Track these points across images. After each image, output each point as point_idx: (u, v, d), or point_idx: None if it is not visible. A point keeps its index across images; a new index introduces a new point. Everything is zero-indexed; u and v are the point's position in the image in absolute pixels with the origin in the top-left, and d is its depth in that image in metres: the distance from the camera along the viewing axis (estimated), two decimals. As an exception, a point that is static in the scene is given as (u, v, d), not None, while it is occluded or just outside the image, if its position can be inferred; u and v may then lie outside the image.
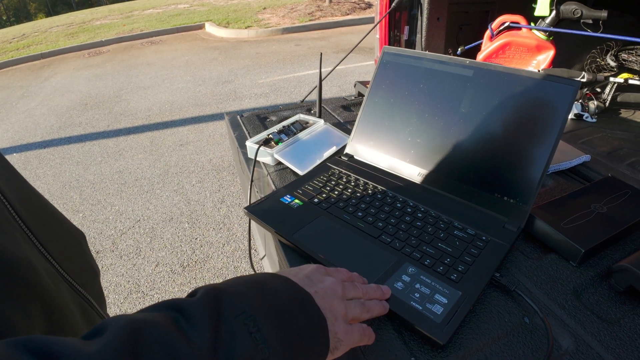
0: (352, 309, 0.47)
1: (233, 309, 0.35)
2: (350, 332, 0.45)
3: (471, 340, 0.52)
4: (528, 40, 1.27)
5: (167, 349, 0.29)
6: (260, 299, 0.38)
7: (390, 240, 0.65)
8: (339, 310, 0.45)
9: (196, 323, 0.33)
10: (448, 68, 0.80)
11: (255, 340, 0.34)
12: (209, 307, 0.34)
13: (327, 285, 0.47)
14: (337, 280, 0.49)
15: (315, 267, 0.50)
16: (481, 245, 0.64)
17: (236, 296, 0.37)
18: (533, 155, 0.69)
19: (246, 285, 0.40)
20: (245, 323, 0.34)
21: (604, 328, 0.54)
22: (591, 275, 0.62)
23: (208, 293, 0.36)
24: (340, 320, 0.44)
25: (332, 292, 0.46)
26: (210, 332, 0.32)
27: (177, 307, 0.34)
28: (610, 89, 1.29)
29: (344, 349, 0.44)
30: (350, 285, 0.50)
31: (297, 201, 0.77)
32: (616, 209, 0.71)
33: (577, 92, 0.67)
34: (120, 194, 3.06)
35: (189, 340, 0.31)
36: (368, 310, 0.50)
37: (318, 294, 0.44)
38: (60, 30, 10.63)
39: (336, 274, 0.51)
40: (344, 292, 0.48)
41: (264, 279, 0.42)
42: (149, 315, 0.32)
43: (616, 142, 1.10)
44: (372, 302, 0.51)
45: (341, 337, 0.43)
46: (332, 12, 9.01)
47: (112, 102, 5.10)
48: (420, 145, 0.82)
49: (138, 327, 0.29)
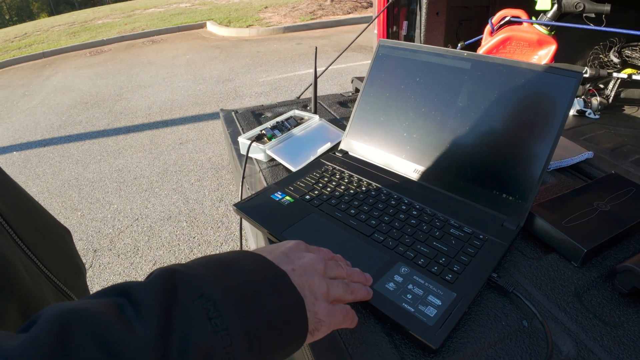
0: (334, 288, 0.43)
1: (190, 292, 0.31)
2: (332, 313, 0.41)
3: (466, 344, 0.49)
4: (529, 34, 1.24)
5: (103, 341, 0.25)
6: (223, 280, 0.34)
7: (383, 238, 0.63)
8: (319, 289, 0.41)
9: (144, 309, 0.28)
10: (445, 61, 0.77)
11: (214, 327, 0.30)
12: (162, 290, 0.30)
13: (306, 261, 0.43)
14: (319, 257, 0.45)
15: (294, 243, 0.46)
16: (478, 244, 0.61)
17: (195, 277, 0.32)
18: (533, 151, 0.66)
19: (209, 265, 0.35)
20: (204, 307, 0.30)
21: (606, 332, 0.51)
22: (593, 276, 0.60)
23: (162, 275, 0.31)
24: (321, 300, 0.41)
25: (312, 269, 0.42)
26: (160, 319, 0.28)
27: (125, 291, 0.30)
28: (613, 85, 1.26)
29: (325, 331, 0.41)
30: (333, 263, 0.46)
31: (288, 198, 0.74)
32: (620, 207, 0.68)
33: (579, 84, 0.64)
34: (119, 193, 3.05)
35: (131, 331, 0.27)
36: (352, 291, 0.46)
37: (296, 272, 0.40)
38: (62, 30, 10.64)
39: (318, 251, 0.47)
40: (325, 269, 0.44)
41: (232, 257, 0.38)
42: (89, 303, 0.28)
43: (620, 139, 1.07)
44: (357, 285, 0.48)
45: (322, 318, 0.40)
46: (333, 10, 8.99)
47: (112, 101, 5.09)
48: (416, 140, 0.79)
49: (70, 317, 0.26)
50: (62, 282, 0.53)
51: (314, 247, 0.48)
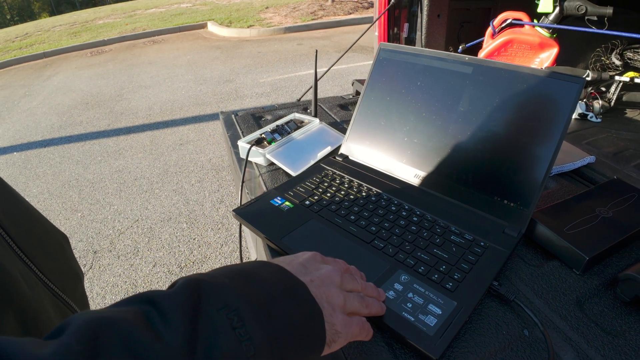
0: (351, 301, 0.43)
1: (214, 301, 0.32)
2: (349, 325, 0.41)
3: (466, 354, 0.48)
4: (531, 37, 1.23)
5: (133, 349, 0.26)
6: (246, 290, 0.34)
7: (383, 245, 0.62)
8: (337, 301, 0.41)
9: (171, 318, 0.29)
10: (446, 65, 0.77)
11: (239, 337, 0.30)
12: (187, 299, 0.31)
13: (324, 273, 0.43)
14: (336, 268, 0.45)
15: (311, 255, 0.46)
16: (479, 251, 0.60)
17: (219, 287, 0.33)
18: (535, 156, 0.65)
19: (231, 275, 0.36)
20: (228, 317, 0.31)
21: (608, 341, 0.50)
22: (595, 284, 0.59)
23: (187, 284, 0.32)
24: (338, 311, 0.41)
25: (330, 281, 0.43)
26: (187, 328, 0.29)
27: (151, 300, 0.31)
28: (615, 88, 1.25)
29: (342, 342, 0.41)
30: (349, 276, 0.47)
31: (287, 203, 0.73)
32: (622, 214, 0.67)
33: (581, 89, 0.63)
34: (119, 194, 3.04)
35: (160, 339, 0.27)
36: (367, 305, 0.46)
37: (314, 283, 0.41)
38: (63, 30, 10.64)
39: (334, 263, 0.48)
40: (342, 282, 0.44)
41: (253, 268, 0.38)
42: (117, 311, 0.28)
43: (622, 143, 1.06)
44: (372, 299, 0.48)
45: (339, 329, 0.40)
46: (334, 11, 8.98)
47: (113, 101, 5.09)
48: (417, 145, 0.79)
49: (100, 325, 0.26)
50: (61, 290, 0.52)
51: (329, 259, 0.48)
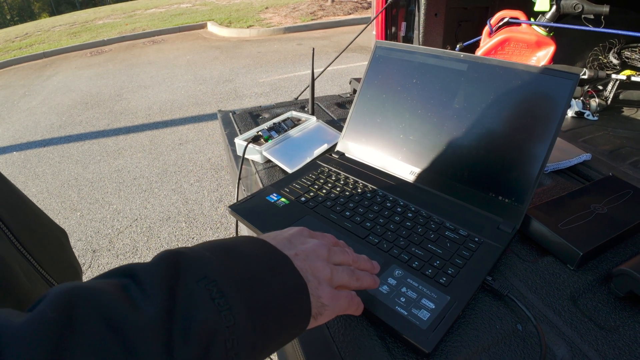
0: (339, 274, 0.43)
1: (193, 273, 0.31)
2: (336, 298, 0.41)
3: (459, 348, 0.49)
4: (528, 36, 1.23)
5: (108, 317, 0.26)
6: (226, 263, 0.34)
7: (377, 241, 0.62)
8: (323, 274, 0.41)
9: (148, 289, 0.29)
10: (442, 62, 0.77)
11: (218, 307, 0.30)
12: (166, 271, 0.31)
13: (309, 247, 0.43)
14: (323, 242, 0.45)
15: (298, 229, 0.46)
16: (473, 247, 0.61)
17: (198, 260, 0.33)
18: (529, 153, 0.66)
19: (212, 249, 0.36)
20: (207, 288, 0.31)
21: (602, 336, 0.50)
22: (589, 279, 0.59)
23: (166, 257, 0.32)
24: (325, 284, 0.40)
25: (315, 254, 0.42)
26: (164, 298, 0.29)
27: (130, 272, 0.31)
28: (612, 86, 1.25)
29: (329, 315, 0.41)
30: (338, 249, 0.46)
31: (283, 200, 0.74)
32: (617, 210, 0.67)
33: (575, 85, 0.64)
34: (118, 193, 3.04)
35: (136, 308, 0.27)
36: (358, 278, 0.45)
37: (299, 257, 0.40)
38: (63, 30, 10.64)
39: (322, 237, 0.47)
40: (329, 255, 0.44)
41: (235, 242, 0.38)
42: (95, 282, 0.29)
43: (618, 141, 1.07)
44: (363, 272, 0.47)
45: (325, 302, 0.40)
46: (334, 11, 8.98)
47: (112, 101, 5.09)
48: (412, 142, 0.79)
49: (76, 295, 0.26)
50: (59, 283, 0.53)
51: (317, 233, 0.48)
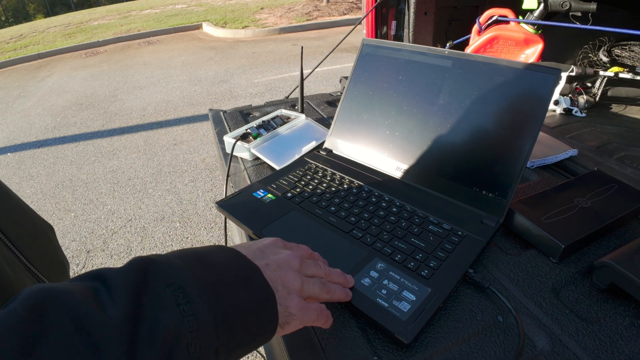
0: (309, 286, 0.44)
1: (162, 279, 0.32)
2: (305, 308, 0.42)
3: (439, 339, 0.49)
4: (516, 33, 1.24)
5: (76, 317, 0.27)
6: (195, 271, 0.35)
7: (361, 235, 0.63)
8: (293, 284, 0.42)
9: (116, 293, 0.30)
10: (427, 59, 0.77)
11: (182, 312, 0.31)
12: (135, 276, 0.32)
13: (281, 257, 0.44)
14: (296, 254, 0.46)
15: (272, 240, 0.47)
16: (456, 240, 0.61)
17: (168, 267, 0.34)
18: (512, 147, 0.66)
19: (184, 257, 0.37)
20: (174, 294, 0.32)
21: (582, 327, 0.51)
22: (572, 272, 0.59)
23: (137, 263, 0.33)
24: (294, 294, 0.41)
25: (287, 265, 0.43)
26: (131, 302, 0.30)
27: (100, 276, 0.32)
28: (600, 83, 1.26)
29: (296, 325, 0.41)
30: (311, 262, 0.47)
31: (269, 195, 0.74)
32: (600, 204, 0.68)
33: (557, 81, 0.64)
34: (112, 194, 3.04)
35: (102, 310, 0.29)
36: (329, 291, 0.46)
37: (269, 267, 0.41)
38: (58, 31, 10.62)
39: (296, 248, 0.48)
40: (301, 266, 0.45)
41: (207, 251, 0.39)
42: (66, 284, 0.30)
43: (605, 137, 1.07)
44: (335, 285, 0.48)
45: (293, 312, 0.40)
46: (329, 12, 9.00)
47: (107, 102, 5.08)
48: (398, 138, 0.79)
49: (47, 295, 0.28)
50: (46, 277, 0.53)
51: (292, 245, 0.49)
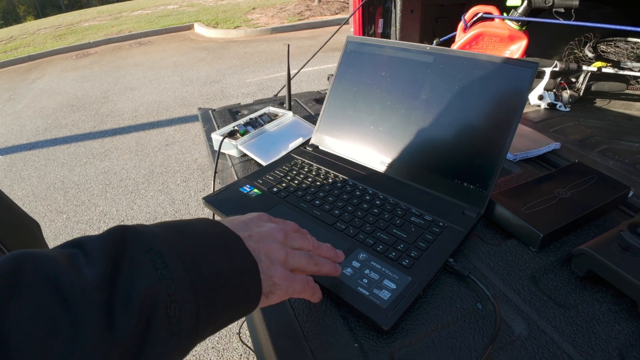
0: (294, 257, 0.43)
1: (140, 246, 0.32)
2: (290, 279, 0.42)
3: (419, 326, 0.50)
4: (500, 30, 1.26)
5: (52, 280, 0.27)
6: (174, 239, 0.35)
7: (344, 227, 0.64)
8: (277, 255, 0.41)
9: (94, 257, 0.30)
10: (409, 55, 0.79)
11: (160, 276, 0.31)
12: (113, 242, 0.32)
13: (265, 230, 0.43)
14: (280, 227, 0.45)
15: (258, 215, 0.47)
16: (437, 231, 0.62)
17: (147, 235, 0.34)
18: (492, 140, 0.68)
19: (164, 227, 0.37)
20: (151, 259, 0.32)
21: (560, 313, 0.52)
22: (551, 260, 0.61)
23: (115, 230, 0.33)
24: (278, 265, 0.41)
25: (271, 237, 0.43)
26: (107, 265, 0.30)
27: (79, 243, 0.32)
28: (583, 78, 1.28)
29: (281, 295, 0.41)
30: (297, 235, 0.46)
31: (256, 191, 0.75)
32: (580, 194, 0.69)
33: (534, 74, 0.66)
34: (104, 195, 3.03)
35: (79, 274, 0.29)
36: (316, 263, 0.46)
37: (252, 238, 0.41)
38: (49, 32, 10.55)
39: (282, 223, 0.47)
40: (286, 239, 0.44)
41: (190, 222, 0.39)
42: (44, 250, 0.30)
43: (588, 130, 1.09)
44: (324, 259, 0.48)
45: (278, 282, 0.40)
46: (321, 11, 9.01)
47: (99, 104, 5.06)
48: (382, 133, 0.81)
49: (24, 259, 0.28)
50: None
51: (279, 220, 0.48)
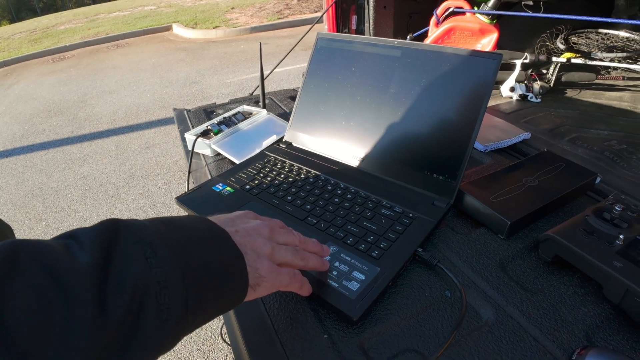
0: (280, 252, 0.45)
1: (130, 237, 0.34)
2: (276, 272, 0.43)
3: (388, 315, 0.51)
4: (471, 24, 1.28)
5: (48, 265, 0.28)
6: (163, 231, 0.36)
7: (315, 221, 0.64)
8: (263, 249, 0.43)
9: (87, 246, 0.32)
10: (378, 50, 0.80)
11: (150, 265, 0.33)
12: (105, 233, 0.33)
13: (251, 226, 0.45)
14: (266, 223, 0.47)
15: (244, 212, 0.48)
16: (407, 222, 0.63)
17: (136, 227, 0.35)
18: (459, 131, 0.69)
19: (153, 221, 0.38)
20: (142, 249, 0.33)
21: (527, 298, 0.53)
22: (519, 247, 0.62)
23: (107, 222, 0.35)
24: (264, 258, 0.42)
25: (256, 233, 0.44)
26: (101, 254, 0.31)
27: (73, 235, 0.33)
28: (553, 69, 1.31)
29: (268, 287, 0.42)
30: (284, 231, 0.48)
31: (228, 189, 0.75)
32: (548, 182, 0.71)
33: (499, 65, 0.67)
34: (84, 200, 2.99)
35: (74, 259, 0.30)
36: (303, 257, 0.47)
37: (238, 233, 0.42)
38: (24, 37, 10.34)
39: (268, 220, 0.48)
40: (271, 234, 0.45)
41: (177, 218, 0.40)
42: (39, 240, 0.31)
43: (559, 120, 1.11)
44: (310, 254, 0.49)
45: (264, 274, 0.41)
46: (300, 9, 8.99)
47: (76, 108, 4.98)
48: (353, 128, 0.81)
49: (21, 247, 0.29)
50: None
51: (265, 217, 0.49)
